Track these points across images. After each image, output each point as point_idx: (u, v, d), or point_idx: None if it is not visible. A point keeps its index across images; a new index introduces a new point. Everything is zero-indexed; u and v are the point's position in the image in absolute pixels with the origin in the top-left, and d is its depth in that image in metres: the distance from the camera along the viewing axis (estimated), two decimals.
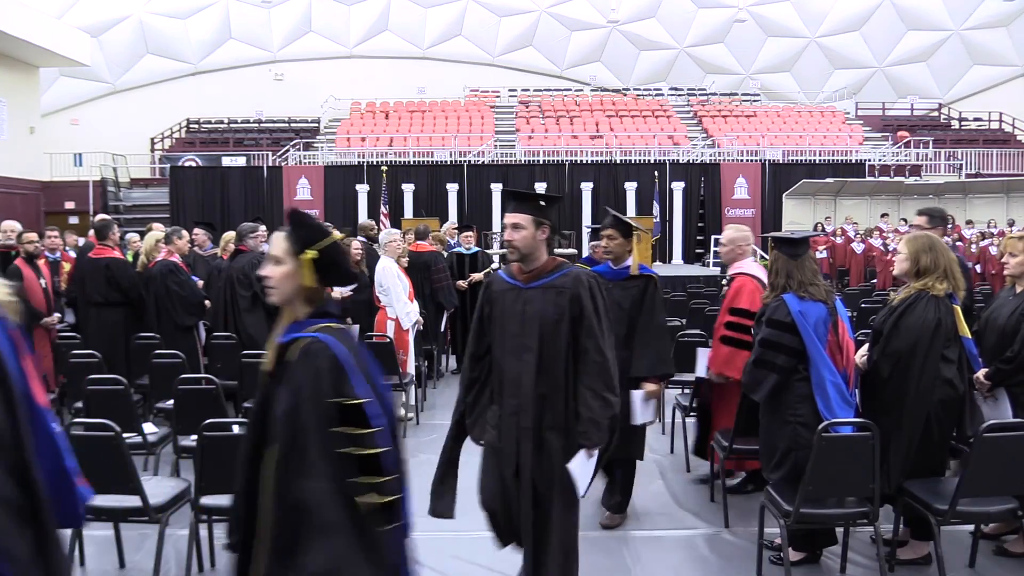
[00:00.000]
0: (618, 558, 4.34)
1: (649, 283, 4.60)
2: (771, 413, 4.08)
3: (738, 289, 4.98)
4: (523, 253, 3.28)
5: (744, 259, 5.16)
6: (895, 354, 3.94)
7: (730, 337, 4.89)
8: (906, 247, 4.12)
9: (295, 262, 2.26)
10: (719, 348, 4.94)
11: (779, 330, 4.01)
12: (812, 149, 23.17)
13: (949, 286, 3.99)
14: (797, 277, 4.07)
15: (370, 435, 2.17)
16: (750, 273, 5.07)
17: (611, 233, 4.62)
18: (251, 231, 7.36)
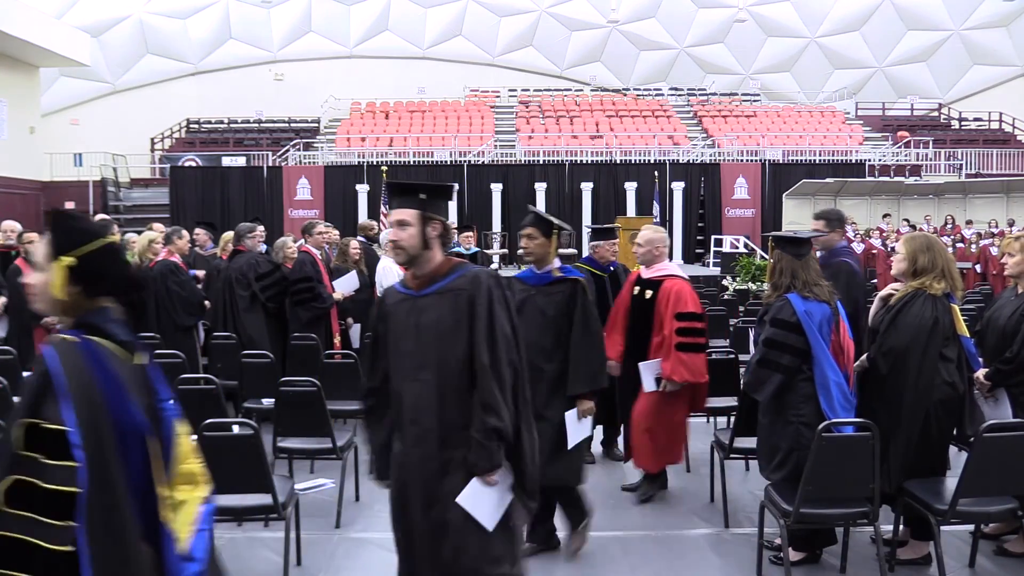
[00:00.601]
0: (618, 558, 4.34)
1: (576, 288, 4.16)
2: (773, 413, 4.07)
3: (678, 293, 4.87)
4: (410, 255, 2.85)
5: (662, 260, 5.08)
6: (892, 352, 3.94)
7: (686, 343, 4.80)
8: (904, 247, 4.13)
9: (51, 268, 2.00)
10: (678, 356, 4.79)
11: (784, 330, 4.00)
12: (812, 149, 23.17)
13: (947, 286, 3.99)
14: (802, 277, 4.07)
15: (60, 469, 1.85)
16: (678, 275, 5.03)
17: (530, 232, 4.16)
18: (249, 231, 7.36)
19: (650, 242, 5.04)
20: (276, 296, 7.22)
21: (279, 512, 3.83)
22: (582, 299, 4.14)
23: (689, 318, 4.82)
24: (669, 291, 4.89)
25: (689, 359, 4.78)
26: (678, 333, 4.79)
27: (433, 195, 2.89)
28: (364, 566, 4.27)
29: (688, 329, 4.81)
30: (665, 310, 4.87)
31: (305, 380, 4.83)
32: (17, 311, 7.20)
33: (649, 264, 5.07)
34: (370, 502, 5.12)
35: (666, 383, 4.83)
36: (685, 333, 4.80)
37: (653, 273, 5.03)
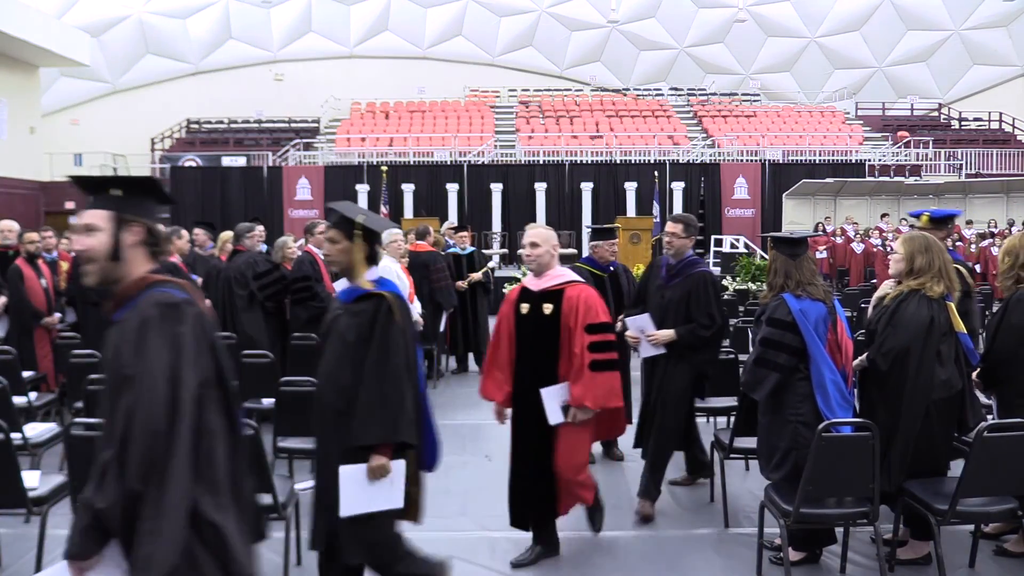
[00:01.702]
0: (618, 558, 4.34)
1: (380, 306, 3.18)
2: (772, 412, 4.07)
3: (587, 302, 4.07)
4: (101, 270, 2.25)
5: (556, 264, 4.23)
6: (890, 352, 3.95)
7: (601, 361, 4.04)
8: (902, 247, 4.13)
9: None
10: (593, 377, 4.00)
11: (780, 329, 4.01)
12: (812, 149, 23.18)
13: (945, 287, 4.01)
14: (795, 277, 4.08)
15: None
16: (578, 280, 4.24)
17: (332, 235, 3.28)
18: (248, 231, 7.36)
19: (547, 241, 4.14)
20: (274, 296, 7.22)
21: (279, 512, 3.83)
22: (383, 321, 3.16)
23: (601, 330, 4.07)
24: (576, 300, 4.06)
25: (605, 379, 4.04)
26: (591, 349, 4.01)
27: (130, 191, 2.29)
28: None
29: (601, 343, 4.05)
30: (575, 324, 4.03)
31: (305, 380, 4.82)
32: (17, 311, 7.20)
33: (540, 272, 4.16)
34: None
35: (575, 412, 4.02)
36: (598, 348, 4.04)
37: (548, 282, 4.14)
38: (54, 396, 6.56)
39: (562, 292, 4.11)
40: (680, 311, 4.91)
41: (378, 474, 3.09)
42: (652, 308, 5.04)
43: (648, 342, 4.95)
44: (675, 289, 4.96)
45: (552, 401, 4.07)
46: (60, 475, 4.14)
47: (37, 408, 6.04)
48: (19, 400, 5.47)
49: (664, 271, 5.09)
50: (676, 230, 4.99)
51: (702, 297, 4.88)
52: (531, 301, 4.17)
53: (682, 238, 4.99)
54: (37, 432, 5.00)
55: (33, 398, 6.08)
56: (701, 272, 4.96)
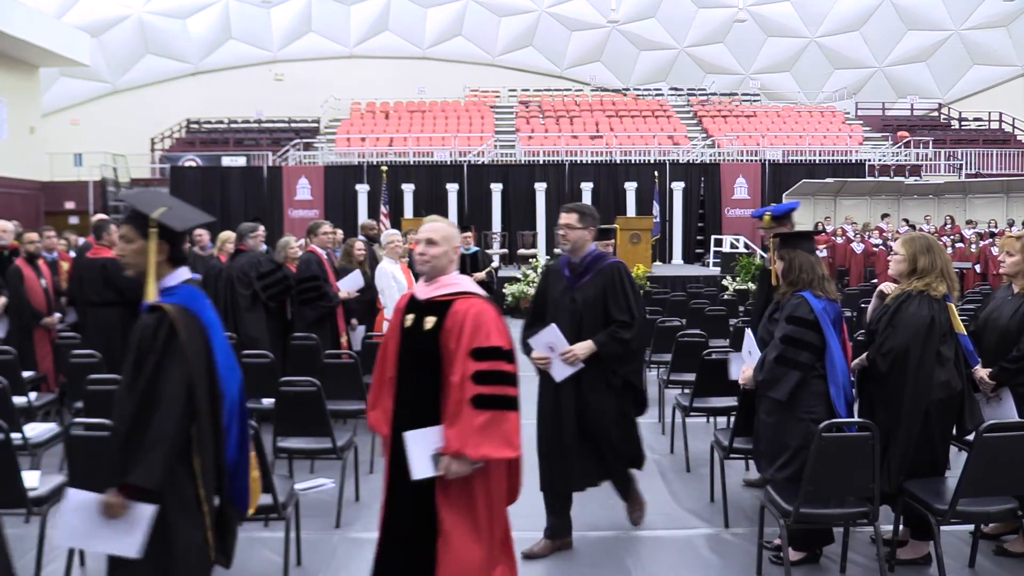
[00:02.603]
0: (618, 558, 4.34)
1: (160, 323, 2.74)
2: (783, 411, 4.03)
3: (476, 319, 3.08)
4: None
5: (453, 268, 3.27)
6: (891, 352, 3.95)
7: (488, 396, 3.02)
8: (904, 248, 4.13)
9: None
10: (474, 416, 2.99)
11: (802, 327, 3.99)
12: (812, 149, 23.17)
13: (947, 288, 4.01)
14: (820, 272, 4.12)
15: None
16: (473, 292, 3.21)
17: (125, 232, 2.89)
18: (251, 231, 7.37)
19: (447, 240, 3.22)
20: (277, 295, 7.23)
21: (279, 512, 3.83)
22: (161, 341, 2.72)
23: (491, 356, 3.06)
24: (462, 317, 3.09)
25: (492, 420, 3.00)
26: (475, 380, 3.02)
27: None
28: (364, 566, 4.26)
29: (490, 373, 3.05)
30: (456, 347, 3.07)
31: (305, 380, 4.83)
32: (17, 311, 7.20)
33: (432, 277, 3.23)
34: (370, 502, 5.12)
35: (448, 462, 2.99)
36: (486, 380, 3.04)
37: (437, 290, 3.19)
38: (54, 396, 6.56)
39: (449, 305, 3.12)
40: (599, 313, 4.29)
41: (109, 512, 2.66)
42: (561, 317, 4.29)
43: (562, 360, 4.19)
44: (587, 289, 4.32)
45: (418, 447, 3.04)
46: (60, 475, 4.13)
47: (37, 408, 6.04)
48: (19, 400, 5.47)
49: (567, 271, 4.41)
50: (570, 220, 4.33)
51: (619, 292, 4.30)
52: (416, 312, 3.20)
53: (577, 229, 4.33)
54: (37, 432, 5.00)
55: (33, 398, 6.08)
56: (612, 264, 4.37)
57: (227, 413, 2.89)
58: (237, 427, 2.94)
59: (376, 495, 5.24)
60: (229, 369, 2.92)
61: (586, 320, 4.28)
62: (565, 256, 4.43)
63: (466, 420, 3.00)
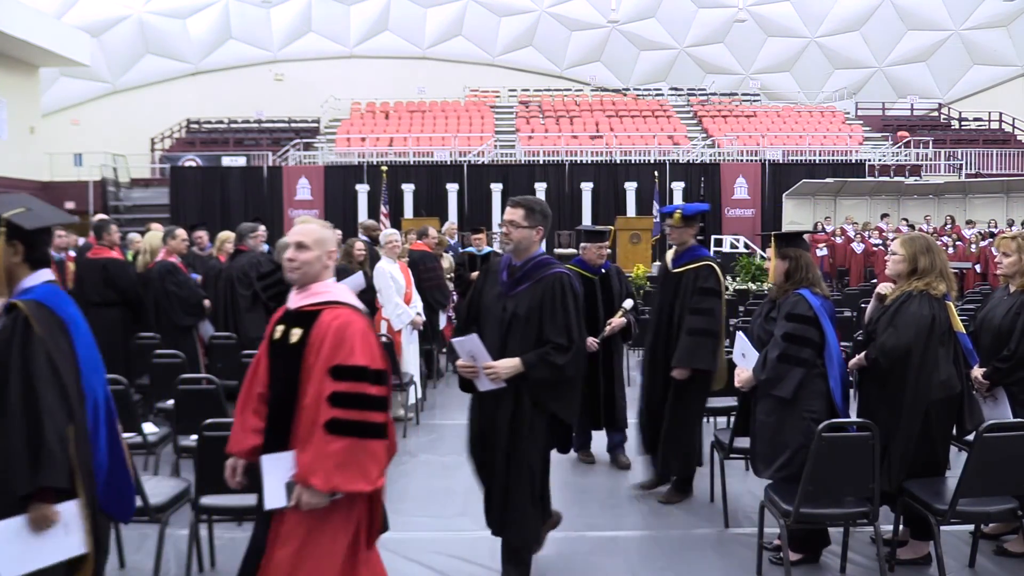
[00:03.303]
0: (618, 558, 4.34)
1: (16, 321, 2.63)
2: (782, 410, 4.02)
3: (339, 333, 2.79)
4: None
5: (327, 276, 2.96)
6: (891, 352, 3.95)
7: (345, 421, 2.73)
8: (904, 248, 4.13)
9: None
10: (325, 443, 2.70)
11: (803, 324, 4.01)
12: (812, 149, 23.18)
13: (947, 288, 4.02)
14: (815, 271, 4.18)
15: None
16: (346, 302, 2.92)
17: None
18: (251, 231, 7.37)
19: (320, 243, 2.92)
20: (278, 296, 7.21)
21: None
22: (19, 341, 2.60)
23: (354, 376, 2.76)
24: (325, 330, 2.80)
25: (348, 448, 2.71)
26: (333, 402, 2.73)
27: None
28: None
29: (350, 396, 2.74)
30: (314, 362, 2.78)
31: None
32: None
33: (304, 284, 2.92)
34: None
35: (300, 492, 2.71)
36: (345, 402, 2.74)
37: (305, 299, 2.91)
38: None
39: (317, 315, 2.83)
40: (530, 330, 3.65)
41: (41, 525, 2.58)
42: (490, 326, 3.74)
43: (485, 374, 3.63)
44: (521, 298, 3.70)
45: (273, 473, 2.77)
46: None
47: None
48: None
49: (504, 275, 3.79)
50: (514, 216, 3.72)
51: (557, 308, 3.63)
52: (286, 323, 2.91)
53: (523, 227, 3.71)
54: None
55: None
56: (555, 275, 3.69)
57: (91, 413, 2.69)
58: (105, 428, 2.75)
59: None
60: (92, 367, 2.74)
61: (513, 334, 3.67)
62: (507, 256, 3.83)
63: (318, 447, 2.70)
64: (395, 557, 4.35)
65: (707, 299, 4.98)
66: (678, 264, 5.15)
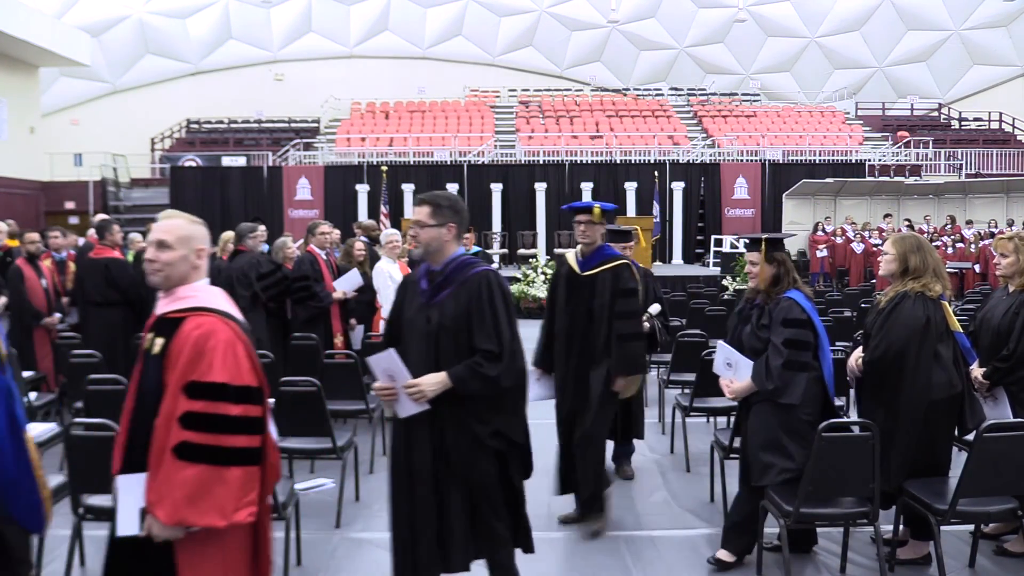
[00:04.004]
0: (618, 558, 4.34)
1: None
2: (784, 415, 3.95)
3: (198, 344, 2.49)
4: None
5: (197, 277, 2.65)
6: (888, 353, 3.95)
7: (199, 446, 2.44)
8: (894, 248, 4.13)
9: None
10: (175, 469, 2.42)
11: (801, 328, 3.98)
12: (812, 149, 23.18)
13: (943, 287, 4.02)
14: (796, 272, 4.15)
15: None
16: (215, 308, 2.61)
17: None
18: (250, 231, 7.36)
19: (185, 241, 2.63)
20: (277, 296, 7.23)
21: (279, 512, 3.83)
22: None
23: (210, 394, 2.47)
24: (184, 341, 2.50)
25: (202, 477, 2.43)
26: (185, 423, 2.44)
27: None
28: (364, 566, 4.27)
29: (206, 417, 2.46)
30: (170, 374, 2.50)
31: (305, 380, 4.83)
32: (18, 311, 7.20)
33: (169, 288, 2.63)
34: (370, 502, 5.13)
35: (151, 522, 2.44)
36: (199, 424, 2.45)
37: (172, 304, 2.60)
38: (54, 396, 6.57)
39: (181, 323, 2.54)
40: (461, 339, 3.18)
41: None
42: (415, 342, 3.24)
43: (406, 395, 3.13)
44: (446, 306, 3.21)
45: (129, 496, 2.49)
46: (60, 475, 4.13)
47: (37, 408, 6.04)
48: None
49: (424, 283, 3.31)
50: (420, 215, 3.29)
51: (486, 312, 3.17)
52: (154, 330, 2.61)
53: (430, 227, 3.26)
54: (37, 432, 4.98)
55: (33, 398, 6.08)
56: (480, 274, 3.24)
57: None
58: (9, 435, 2.56)
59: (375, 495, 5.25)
60: None
61: (443, 346, 3.19)
62: (426, 264, 3.35)
63: (166, 473, 2.41)
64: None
65: (631, 301, 4.72)
66: (589, 266, 4.74)
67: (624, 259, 4.80)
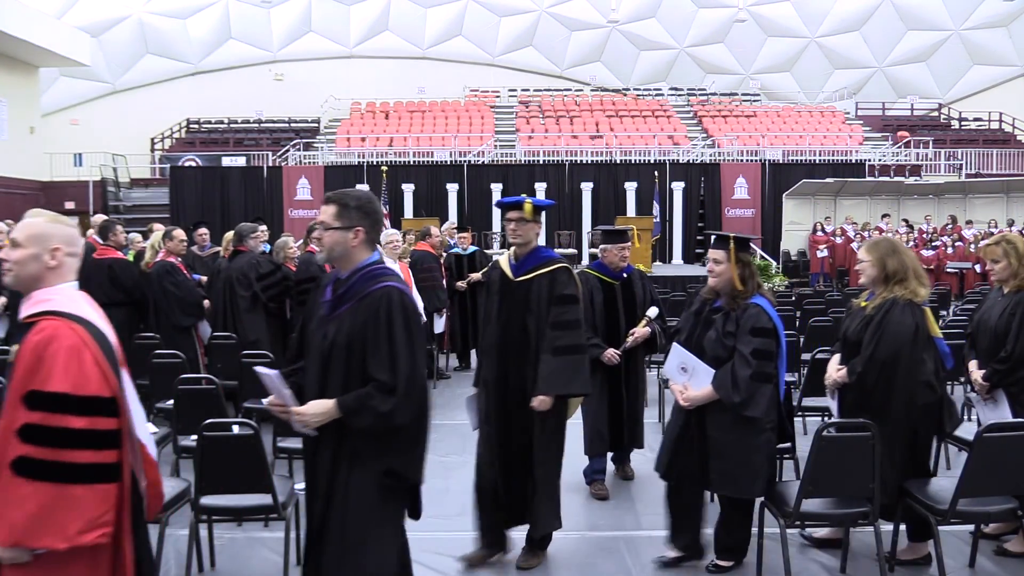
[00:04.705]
0: (618, 558, 4.34)
1: None
2: (745, 426, 3.82)
3: (37, 353, 2.29)
4: None
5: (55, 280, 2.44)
6: (880, 363, 3.91)
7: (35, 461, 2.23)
8: (870, 253, 4.07)
9: None
10: (13, 487, 2.22)
11: (768, 338, 3.85)
12: (812, 149, 23.17)
13: (926, 291, 3.99)
14: (759, 277, 4.04)
15: None
16: (67, 313, 2.38)
17: None
18: (251, 231, 7.36)
19: (37, 240, 2.44)
20: (277, 296, 7.23)
21: (279, 512, 3.84)
22: None
23: (51, 405, 2.26)
24: (25, 350, 2.32)
25: (43, 495, 2.22)
26: (23, 436, 2.24)
27: None
28: None
29: (46, 430, 2.24)
30: (11, 382, 2.32)
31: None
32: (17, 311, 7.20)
33: (27, 290, 2.46)
34: None
35: None
36: (39, 438, 2.24)
37: (28, 308, 2.43)
38: None
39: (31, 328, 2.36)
40: (353, 362, 2.80)
41: None
42: (311, 358, 2.92)
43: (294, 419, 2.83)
44: (343, 322, 2.83)
45: None
46: None
47: None
48: None
49: (329, 292, 2.93)
50: (325, 216, 2.89)
51: (382, 335, 2.76)
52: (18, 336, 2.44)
53: (334, 228, 2.85)
54: None
55: None
56: (382, 291, 2.81)
57: None
58: None
59: None
60: None
61: (333, 368, 2.82)
62: (335, 271, 2.96)
63: (3, 491, 2.20)
64: None
65: (570, 309, 4.13)
66: (523, 270, 4.15)
67: (563, 262, 4.22)
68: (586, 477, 5.37)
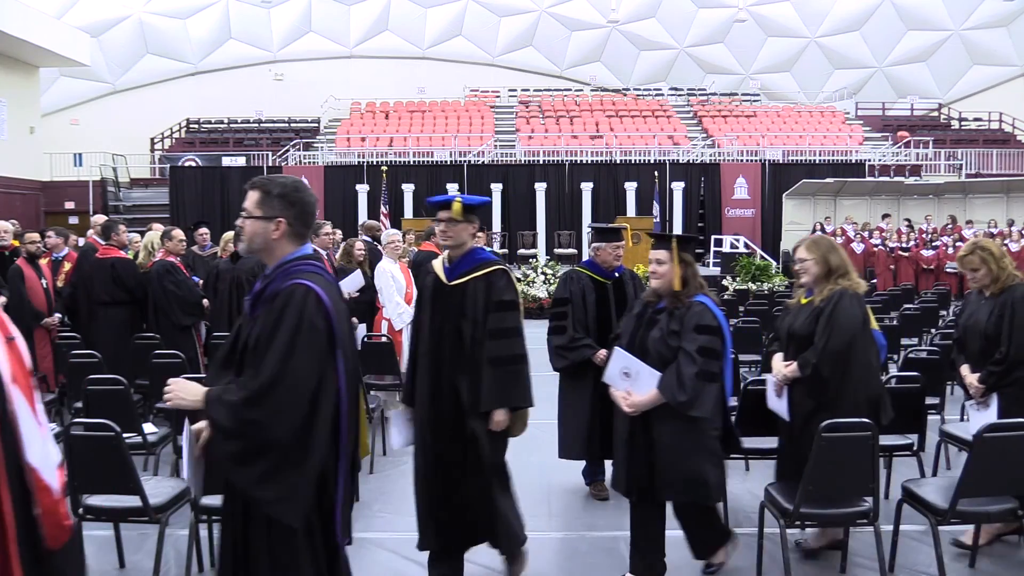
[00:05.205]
0: (618, 558, 4.34)
1: None
2: (692, 431, 3.69)
3: None
4: None
5: None
6: (834, 353, 3.92)
7: None
8: (811, 252, 4.14)
9: None
10: None
11: (714, 335, 3.74)
12: (812, 149, 23.18)
13: (865, 285, 4.14)
14: (701, 278, 3.94)
15: None
16: None
17: None
18: None
19: None
20: None
21: None
22: None
23: None
24: None
25: None
26: None
27: None
28: (364, 566, 4.27)
29: None
30: None
31: None
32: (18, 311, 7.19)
33: None
34: (370, 502, 5.13)
35: None
36: None
37: None
38: (54, 396, 6.57)
39: None
40: None
41: None
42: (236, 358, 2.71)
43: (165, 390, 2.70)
44: (256, 323, 2.58)
45: None
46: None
47: None
48: None
49: (252, 293, 2.70)
50: (248, 204, 2.65)
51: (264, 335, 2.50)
52: None
53: (254, 218, 2.64)
54: None
55: None
56: (288, 289, 2.53)
57: None
58: None
59: (377, 495, 5.26)
60: None
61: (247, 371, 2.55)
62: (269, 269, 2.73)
63: None
64: (395, 557, 4.37)
65: (509, 315, 3.83)
66: (457, 273, 3.85)
67: (500, 264, 3.93)
68: (585, 478, 5.35)
